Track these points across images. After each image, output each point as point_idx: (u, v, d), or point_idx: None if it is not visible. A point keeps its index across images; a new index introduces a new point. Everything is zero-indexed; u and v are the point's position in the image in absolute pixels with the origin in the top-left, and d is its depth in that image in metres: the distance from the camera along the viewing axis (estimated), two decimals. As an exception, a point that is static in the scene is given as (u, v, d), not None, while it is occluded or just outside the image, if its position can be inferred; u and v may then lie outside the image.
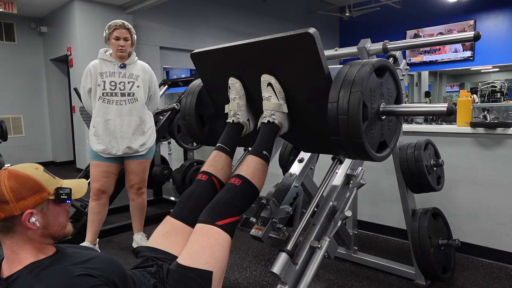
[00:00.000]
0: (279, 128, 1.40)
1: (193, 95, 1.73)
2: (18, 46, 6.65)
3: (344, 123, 1.14)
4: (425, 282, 2.13)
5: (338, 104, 1.15)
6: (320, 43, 1.18)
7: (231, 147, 1.49)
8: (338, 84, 1.17)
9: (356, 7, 9.09)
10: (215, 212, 1.22)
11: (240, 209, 1.26)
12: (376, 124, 1.25)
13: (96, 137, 2.46)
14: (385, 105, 1.26)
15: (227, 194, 1.27)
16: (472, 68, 9.57)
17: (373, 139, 1.25)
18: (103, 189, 2.51)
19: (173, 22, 7.31)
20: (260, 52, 1.36)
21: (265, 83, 1.37)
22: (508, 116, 6.65)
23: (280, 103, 1.37)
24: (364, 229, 3.01)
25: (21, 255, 0.97)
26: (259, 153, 1.35)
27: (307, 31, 1.16)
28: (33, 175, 0.99)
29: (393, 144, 1.35)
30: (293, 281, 1.33)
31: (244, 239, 2.88)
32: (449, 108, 1.14)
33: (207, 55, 1.53)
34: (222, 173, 1.44)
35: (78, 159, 6.62)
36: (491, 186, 2.45)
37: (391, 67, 1.30)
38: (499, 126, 2.36)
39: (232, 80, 1.48)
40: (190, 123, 1.73)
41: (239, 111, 1.49)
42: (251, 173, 1.31)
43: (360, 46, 1.87)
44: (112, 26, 2.40)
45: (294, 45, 1.23)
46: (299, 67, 1.27)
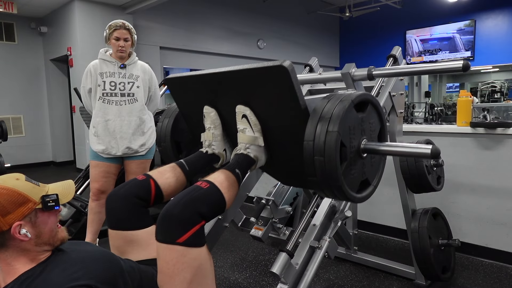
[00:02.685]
0: (255, 162, 1.28)
1: (169, 120, 1.63)
2: (18, 46, 6.66)
3: (320, 164, 1.06)
4: (425, 282, 2.13)
5: (314, 144, 1.06)
6: (295, 76, 1.10)
7: (192, 169, 1.35)
8: (314, 121, 1.09)
9: (356, 7, 9.09)
10: (172, 224, 1.01)
11: (204, 215, 1.05)
12: (357, 163, 1.16)
13: (96, 137, 2.46)
14: (366, 143, 1.17)
15: (187, 195, 1.06)
16: (472, 68, 9.57)
17: (353, 180, 1.16)
18: (103, 189, 2.50)
19: (173, 22, 7.31)
20: (234, 82, 1.27)
21: (240, 114, 1.27)
22: (508, 116, 6.66)
23: (255, 136, 1.26)
24: (364, 229, 3.01)
25: (16, 266, 0.96)
26: (231, 169, 1.21)
27: (281, 64, 1.07)
28: (16, 187, 0.96)
29: (376, 181, 1.25)
30: (293, 281, 1.33)
31: (244, 239, 2.88)
32: (433, 150, 1.07)
33: (182, 81, 1.46)
34: (165, 182, 1.28)
35: (78, 159, 6.62)
36: (491, 186, 2.45)
37: (374, 100, 1.22)
38: (499, 126, 2.36)
39: (207, 108, 1.38)
40: (166, 150, 1.63)
41: (214, 141, 1.39)
42: (220, 182, 1.14)
43: (344, 71, 1.72)
44: (112, 26, 2.40)
45: (269, 77, 1.15)
46: (274, 100, 1.19)
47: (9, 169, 3.82)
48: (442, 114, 6.71)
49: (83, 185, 3.28)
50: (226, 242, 2.87)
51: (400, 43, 9.58)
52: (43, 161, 7.13)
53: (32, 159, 6.96)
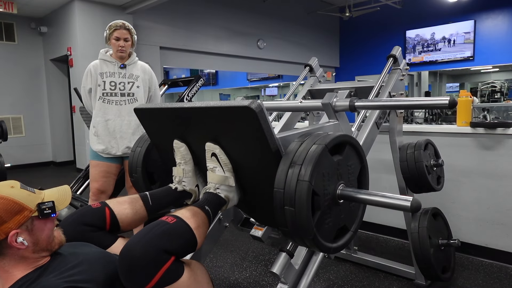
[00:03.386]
0: (226, 202, 1.20)
1: (141, 150, 1.55)
2: (18, 46, 6.66)
3: (291, 215, 0.98)
4: (425, 282, 2.13)
5: (285, 192, 0.99)
6: (264, 118, 1.02)
7: (155, 204, 1.28)
8: (285, 167, 1.02)
9: (356, 7, 9.09)
10: (137, 273, 0.90)
11: (171, 251, 0.95)
12: (332, 211, 1.08)
13: (96, 137, 2.46)
14: (343, 188, 1.09)
15: (150, 232, 0.95)
16: (472, 68, 9.57)
17: (329, 229, 1.08)
18: (103, 189, 2.50)
19: (173, 22, 7.31)
20: (204, 118, 1.20)
21: (209, 152, 1.20)
22: (508, 116, 6.66)
23: (226, 175, 1.18)
24: (364, 229, 3.01)
25: (14, 273, 0.96)
26: (201, 206, 1.13)
27: (248, 106, 1.00)
28: (11, 195, 0.95)
29: (355, 226, 1.18)
30: (293, 281, 1.33)
31: (244, 239, 2.88)
32: (413, 204, 0.99)
33: (151, 112, 1.40)
34: (123, 213, 1.21)
35: (78, 159, 6.62)
36: (491, 186, 2.45)
37: (352, 141, 1.14)
38: (499, 126, 2.36)
39: (176, 143, 1.31)
40: (137, 181, 1.56)
41: (185, 177, 1.31)
42: (188, 217, 1.04)
43: (325, 101, 1.61)
44: (112, 27, 2.40)
45: (237, 117, 1.08)
46: (244, 140, 1.13)
47: (9, 169, 3.82)
48: (442, 114, 6.71)
49: (83, 185, 3.29)
50: (226, 242, 2.87)
51: (400, 43, 9.58)
52: (43, 161, 7.13)
53: (32, 159, 6.96)
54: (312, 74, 2.37)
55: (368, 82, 2.12)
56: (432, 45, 9.49)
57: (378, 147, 1.97)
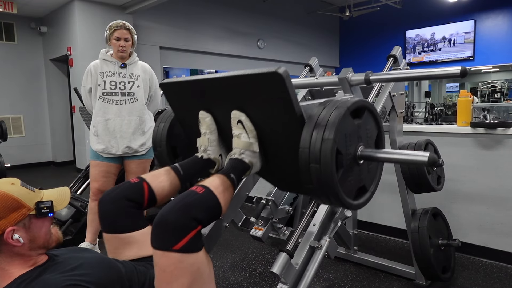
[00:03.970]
0: (249, 167, 1.28)
1: (165, 125, 1.61)
2: (18, 46, 6.66)
3: (316, 172, 1.05)
4: (425, 282, 2.13)
5: (310, 151, 1.05)
6: (290, 83, 1.09)
7: (186, 173, 1.35)
8: (310, 129, 1.08)
9: (356, 7, 9.09)
10: (168, 231, 0.99)
11: (199, 220, 1.04)
12: (353, 170, 1.15)
13: (96, 136, 2.46)
14: (363, 149, 1.15)
15: (183, 200, 1.05)
16: (472, 68, 9.57)
17: (350, 187, 1.15)
18: (103, 189, 2.50)
19: (173, 22, 7.31)
20: (229, 88, 1.26)
21: (235, 119, 1.27)
22: (508, 116, 6.66)
23: (250, 141, 1.25)
24: (364, 229, 3.01)
25: (10, 270, 0.96)
26: (226, 173, 1.20)
27: (276, 71, 1.07)
28: (10, 192, 0.96)
29: (373, 187, 1.25)
30: (293, 281, 1.33)
31: (244, 239, 2.88)
32: (430, 158, 1.06)
33: (177, 86, 1.45)
34: (159, 186, 1.28)
35: (78, 159, 6.62)
36: (491, 186, 2.45)
37: (370, 106, 1.21)
38: (499, 126, 2.36)
39: (202, 113, 1.38)
40: (161, 155, 1.61)
41: (210, 146, 1.38)
42: (215, 186, 1.13)
43: (341, 76, 1.70)
44: (113, 27, 2.40)
45: (263, 84, 1.14)
46: (270, 107, 1.19)
47: (9, 169, 3.82)
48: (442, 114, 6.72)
49: (83, 185, 3.29)
50: (226, 242, 2.87)
51: (400, 43, 9.59)
52: (43, 161, 7.13)
53: (32, 159, 6.96)
54: (312, 74, 2.37)
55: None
56: (432, 45, 9.49)
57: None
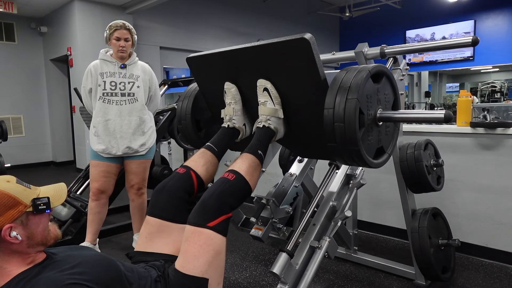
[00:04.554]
0: (275, 133, 1.38)
1: (189, 99, 1.71)
2: (18, 46, 6.65)
3: (340, 130, 1.12)
4: (425, 282, 2.13)
5: (334, 111, 1.13)
6: (316, 48, 1.16)
7: (219, 148, 1.45)
8: (334, 91, 1.15)
9: (356, 7, 9.09)
10: (206, 211, 1.16)
11: (232, 206, 1.21)
12: (373, 131, 1.23)
13: (96, 137, 2.46)
14: (382, 111, 1.24)
15: (219, 188, 1.21)
16: (472, 68, 9.58)
17: (370, 146, 1.23)
18: (103, 189, 2.51)
19: (173, 22, 7.31)
20: (255, 57, 1.33)
21: (261, 88, 1.35)
22: (508, 116, 6.66)
23: (276, 108, 1.35)
24: (364, 229, 3.01)
25: (8, 268, 0.96)
26: (254, 151, 1.33)
27: (303, 37, 1.14)
28: (6, 189, 0.95)
29: (390, 149, 1.33)
30: (293, 281, 1.33)
31: (244, 239, 2.88)
32: (446, 114, 1.12)
33: (203, 59, 1.52)
34: (203, 170, 1.39)
35: (78, 159, 6.62)
36: (491, 186, 2.45)
37: (388, 72, 1.28)
38: (499, 126, 2.36)
39: (228, 84, 1.46)
40: (186, 128, 1.72)
41: (235, 116, 1.46)
42: (245, 170, 1.27)
43: (357, 50, 1.82)
44: (113, 27, 2.40)
45: (290, 51, 1.21)
46: (295, 73, 1.26)
47: (9, 169, 3.82)
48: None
49: (83, 185, 3.28)
50: (226, 242, 2.86)
51: (400, 43, 9.56)
52: (43, 161, 7.12)
53: (32, 159, 6.96)
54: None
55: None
56: (432, 45, 9.48)
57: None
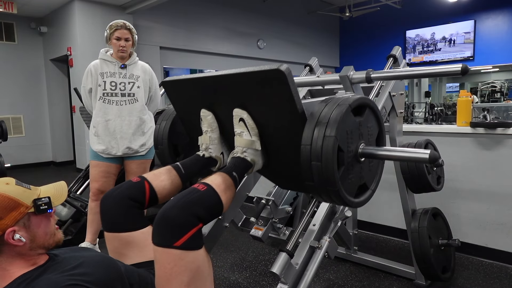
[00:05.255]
0: (252, 165, 1.28)
1: (166, 123, 1.63)
2: (18, 46, 6.66)
3: (317, 169, 1.05)
4: (425, 282, 2.13)
5: (311, 148, 1.05)
6: (292, 80, 1.09)
7: (187, 172, 1.34)
8: (311, 125, 1.08)
9: (356, 7, 9.09)
10: (169, 227, 0.99)
11: (201, 217, 1.03)
12: (354, 168, 1.15)
13: (96, 137, 2.46)
14: (364, 147, 1.15)
15: (185, 197, 1.04)
16: (472, 68, 9.57)
17: (351, 184, 1.15)
18: (103, 189, 2.50)
19: (173, 22, 7.31)
20: (231, 86, 1.26)
21: (237, 118, 1.26)
22: (508, 116, 6.66)
23: (252, 139, 1.25)
24: (364, 229, 3.01)
25: (11, 270, 0.96)
26: (228, 172, 1.20)
27: (278, 68, 1.07)
28: (6, 192, 0.95)
29: (374, 185, 1.25)
30: (293, 281, 1.33)
31: (244, 239, 2.88)
32: (431, 155, 1.05)
33: (179, 84, 1.45)
34: (161, 185, 1.27)
35: (78, 159, 6.62)
36: (491, 186, 2.45)
37: (371, 103, 1.21)
38: (499, 126, 2.36)
39: (204, 112, 1.37)
40: (163, 153, 1.64)
41: (211, 144, 1.38)
42: (217, 184, 1.12)
43: (342, 74, 1.70)
44: (113, 27, 2.40)
45: (266, 81, 1.14)
46: (272, 104, 1.19)
47: (9, 169, 3.82)
48: (442, 114, 6.71)
49: (83, 185, 3.29)
50: (226, 242, 2.87)
51: (400, 43, 9.59)
52: (43, 161, 7.13)
53: (32, 159, 6.96)
54: (312, 74, 2.37)
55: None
56: (432, 45, 9.49)
57: (378, 147, 1.97)
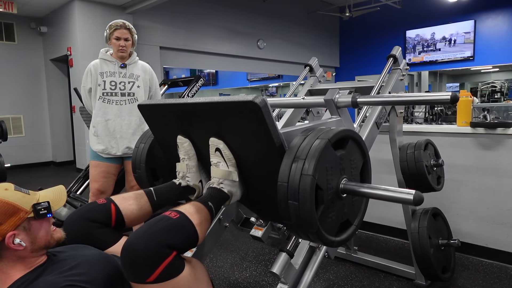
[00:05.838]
0: (229, 197, 1.22)
1: (145, 146, 1.57)
2: (18, 46, 6.66)
3: (294, 210, 0.99)
4: (425, 282, 2.13)
5: (288, 186, 0.99)
6: (267, 112, 1.03)
7: (160, 200, 1.30)
8: (289, 161, 1.02)
9: (356, 7, 9.09)
10: (139, 265, 0.90)
11: (173, 246, 0.95)
12: (336, 205, 1.08)
13: (96, 137, 2.46)
14: (346, 182, 1.09)
15: (153, 227, 0.96)
16: (472, 68, 9.57)
17: (332, 223, 1.08)
18: (102, 189, 2.50)
19: (173, 22, 7.31)
20: (207, 114, 1.21)
21: (213, 147, 1.21)
22: (508, 116, 6.66)
23: (229, 170, 1.20)
24: (364, 229, 3.01)
25: (12, 273, 0.97)
26: (204, 201, 1.14)
27: (252, 101, 1.01)
28: (5, 197, 0.96)
29: (357, 221, 1.19)
30: (293, 281, 1.33)
31: (244, 239, 2.88)
32: (415, 197, 0.98)
33: (155, 108, 1.40)
34: (128, 209, 1.22)
35: (78, 159, 6.62)
36: (491, 186, 2.45)
37: (355, 135, 1.14)
38: (499, 126, 2.36)
39: (180, 138, 1.32)
40: (141, 178, 1.57)
41: (189, 173, 1.33)
42: (191, 213, 1.05)
43: (327, 97, 1.60)
44: (113, 26, 2.40)
45: (241, 112, 1.08)
46: (248, 135, 1.13)
47: (9, 169, 3.82)
48: (442, 114, 6.71)
49: (83, 185, 3.29)
50: (226, 242, 2.87)
51: (400, 43, 9.58)
52: (43, 161, 7.13)
53: (32, 159, 6.96)
54: (312, 74, 2.37)
55: (368, 82, 2.12)
56: (432, 45, 9.49)
57: (378, 147, 1.97)
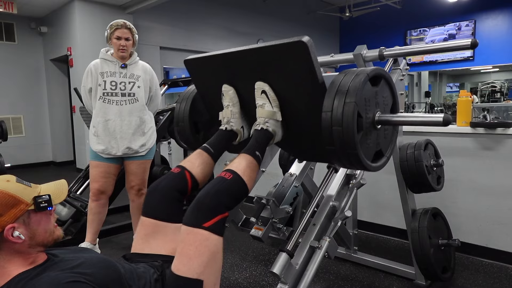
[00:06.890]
0: (273, 136, 1.37)
1: (187, 101, 1.70)
2: (18, 46, 6.65)
3: (338, 134, 1.12)
4: (425, 282, 2.13)
5: (332, 114, 1.12)
6: (314, 51, 1.15)
7: (216, 150, 1.43)
8: (332, 94, 1.14)
9: (356, 7, 9.09)
10: (201, 211, 1.12)
11: (227, 205, 1.17)
12: (371, 134, 1.23)
13: (96, 137, 2.46)
14: (380, 115, 1.23)
15: (215, 187, 1.18)
16: (472, 68, 9.59)
17: (368, 149, 1.22)
18: (102, 189, 2.50)
19: (173, 22, 7.31)
20: (253, 59, 1.33)
21: (259, 90, 1.34)
22: (508, 116, 6.66)
23: (274, 110, 1.34)
24: (364, 229, 3.01)
25: (9, 268, 0.96)
26: (252, 152, 1.31)
27: (301, 40, 1.13)
28: (6, 189, 0.95)
29: (389, 152, 1.32)
30: (293, 281, 1.33)
31: (244, 239, 2.88)
32: (445, 118, 1.12)
33: (201, 61, 1.52)
34: (198, 170, 1.38)
35: (78, 159, 6.62)
36: (491, 186, 2.45)
37: (387, 75, 1.27)
38: (499, 126, 2.36)
39: (225, 87, 1.45)
40: (184, 130, 1.70)
41: (232, 118, 1.46)
42: (242, 170, 1.25)
43: (356, 52, 1.81)
44: (113, 26, 2.40)
45: (288, 53, 1.20)
46: (293, 75, 1.25)
47: (9, 169, 3.82)
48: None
49: (83, 185, 3.28)
50: (226, 242, 2.87)
51: (400, 43, 9.58)
52: (43, 161, 7.12)
53: (32, 159, 6.96)
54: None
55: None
56: (432, 45, 9.48)
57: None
